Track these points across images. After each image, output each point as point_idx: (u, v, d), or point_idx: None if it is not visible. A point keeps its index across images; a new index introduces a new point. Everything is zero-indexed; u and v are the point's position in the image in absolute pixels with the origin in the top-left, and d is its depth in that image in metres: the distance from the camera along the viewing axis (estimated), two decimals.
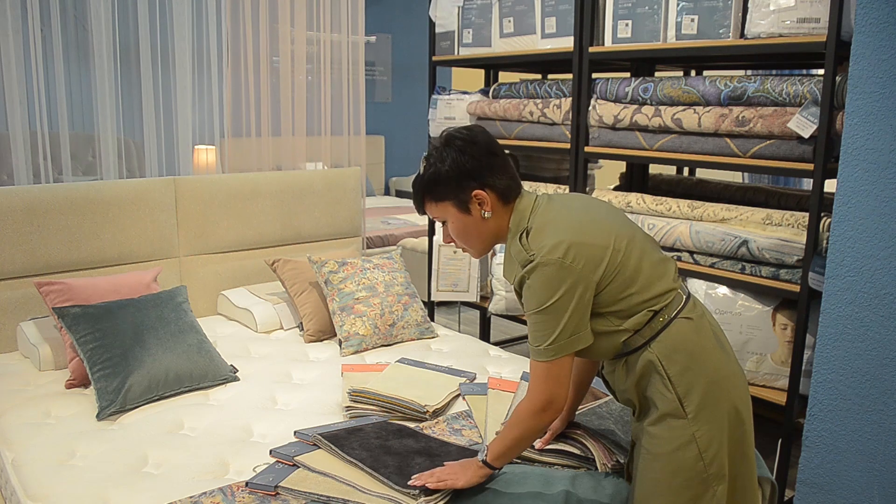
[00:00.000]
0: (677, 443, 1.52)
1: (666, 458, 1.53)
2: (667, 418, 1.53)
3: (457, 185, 1.57)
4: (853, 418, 1.98)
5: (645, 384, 1.57)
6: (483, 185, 1.57)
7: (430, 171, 1.60)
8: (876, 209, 1.87)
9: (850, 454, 1.99)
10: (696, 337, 1.56)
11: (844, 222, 1.94)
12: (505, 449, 1.62)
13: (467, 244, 1.66)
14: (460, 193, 1.58)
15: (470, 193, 1.57)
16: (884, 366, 1.90)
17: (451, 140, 1.60)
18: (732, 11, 2.42)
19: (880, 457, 1.93)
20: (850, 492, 2.00)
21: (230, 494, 1.72)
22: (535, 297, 1.50)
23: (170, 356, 2.32)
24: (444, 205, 1.61)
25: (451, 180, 1.58)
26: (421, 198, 1.64)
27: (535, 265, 1.49)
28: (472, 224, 1.61)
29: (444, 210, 1.62)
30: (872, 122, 1.86)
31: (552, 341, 1.49)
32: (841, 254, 1.96)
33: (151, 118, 3.38)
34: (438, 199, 1.61)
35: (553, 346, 1.50)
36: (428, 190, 1.62)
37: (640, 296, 1.53)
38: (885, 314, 1.88)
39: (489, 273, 3.47)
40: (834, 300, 1.99)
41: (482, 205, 1.58)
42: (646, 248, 1.58)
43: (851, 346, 1.96)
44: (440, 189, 1.60)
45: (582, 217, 1.56)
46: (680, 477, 1.53)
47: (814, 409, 2.07)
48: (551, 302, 1.48)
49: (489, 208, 1.58)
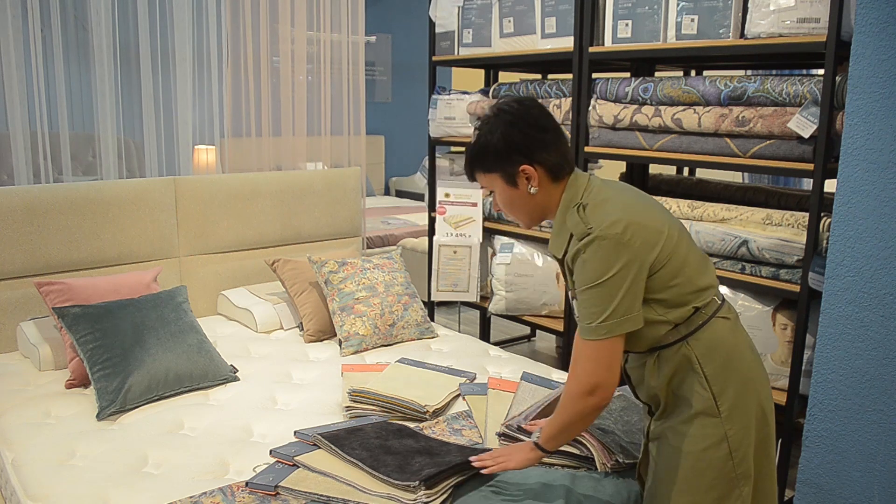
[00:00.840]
0: (709, 441, 1.52)
1: (696, 457, 1.53)
2: (700, 416, 1.52)
3: (505, 158, 1.55)
4: (853, 418, 1.98)
5: (678, 381, 1.56)
6: (531, 160, 1.54)
7: (479, 141, 1.58)
8: (876, 209, 1.87)
9: (850, 454, 1.99)
10: (732, 337, 1.56)
11: (844, 222, 1.94)
12: (556, 432, 1.58)
13: (515, 216, 1.65)
14: (507, 167, 1.56)
15: (517, 168, 1.55)
16: (884, 366, 1.90)
17: (501, 112, 1.57)
18: (732, 11, 2.42)
19: (880, 457, 1.93)
20: (850, 492, 2.00)
21: (230, 494, 1.72)
22: (589, 271, 1.47)
23: (170, 356, 2.32)
24: (492, 176, 1.59)
25: (499, 153, 1.55)
26: (471, 168, 1.63)
27: (593, 238, 1.46)
28: (518, 197, 1.59)
29: (491, 181, 1.60)
30: (872, 122, 1.86)
31: (604, 319, 1.46)
32: (841, 254, 1.96)
33: (151, 118, 3.38)
34: (486, 170, 1.59)
35: (605, 324, 1.46)
36: (476, 160, 1.61)
37: (686, 287, 1.53)
38: (885, 314, 1.88)
39: (489, 273, 3.47)
40: (834, 300, 1.99)
41: (529, 180, 1.55)
42: (691, 243, 1.59)
43: (851, 346, 1.96)
44: (488, 161, 1.58)
45: (637, 201, 1.55)
46: (708, 476, 1.53)
47: (814, 409, 2.07)
48: (607, 277, 1.45)
49: (536, 184, 1.55)
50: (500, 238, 3.44)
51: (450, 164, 3.75)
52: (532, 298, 3.30)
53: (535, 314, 3.37)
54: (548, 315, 3.34)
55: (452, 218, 3.48)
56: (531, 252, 3.31)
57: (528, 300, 3.31)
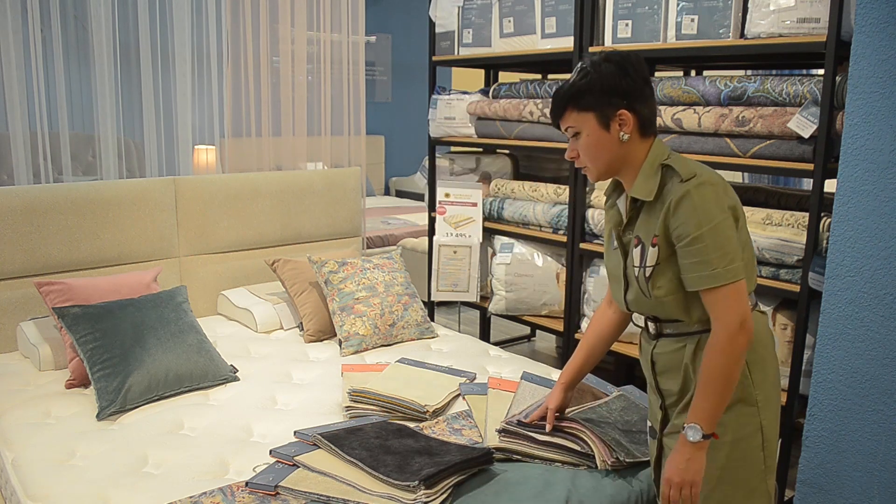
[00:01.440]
0: (744, 431, 1.52)
1: (730, 447, 1.52)
2: (738, 405, 1.52)
3: (607, 98, 1.53)
4: (853, 418, 1.98)
5: None
6: (631, 107, 1.53)
7: (582, 79, 1.54)
8: (876, 209, 1.87)
9: (850, 454, 1.99)
10: (766, 331, 1.59)
11: (844, 222, 1.94)
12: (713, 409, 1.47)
13: (591, 162, 1.58)
14: (606, 108, 1.53)
15: (616, 111, 1.53)
16: (884, 366, 1.90)
17: (611, 57, 1.56)
18: (732, 11, 2.42)
19: (880, 457, 1.93)
20: (850, 492, 2.00)
21: (230, 494, 1.72)
22: (703, 214, 1.44)
23: (170, 356, 2.32)
24: (586, 115, 1.54)
25: (603, 93, 1.53)
26: (564, 104, 1.57)
27: (702, 182, 1.46)
28: (606, 142, 1.55)
29: (583, 121, 1.55)
30: (872, 122, 1.86)
31: (730, 260, 1.44)
32: (841, 254, 1.96)
33: (151, 118, 3.38)
34: (583, 108, 1.54)
35: (732, 266, 1.44)
36: (575, 97, 1.55)
37: (748, 267, 1.53)
38: (885, 314, 1.88)
39: (489, 273, 3.47)
40: (834, 300, 1.99)
41: (622, 125, 1.54)
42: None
43: (851, 346, 1.96)
44: (588, 98, 1.53)
45: None
46: (743, 467, 1.53)
47: (814, 409, 2.07)
48: (721, 220, 1.44)
49: (629, 131, 1.54)
50: (500, 238, 3.45)
51: (450, 164, 3.75)
52: (532, 298, 3.30)
53: (535, 314, 3.37)
54: (548, 315, 3.34)
55: (452, 218, 3.48)
56: (531, 252, 3.31)
57: (528, 300, 3.31)
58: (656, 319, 1.61)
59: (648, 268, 1.53)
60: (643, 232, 1.55)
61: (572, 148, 1.60)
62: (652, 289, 1.54)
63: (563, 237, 3.15)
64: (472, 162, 3.75)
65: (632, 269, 1.58)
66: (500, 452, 1.89)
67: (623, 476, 1.83)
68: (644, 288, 1.55)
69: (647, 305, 1.59)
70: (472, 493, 1.72)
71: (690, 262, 1.46)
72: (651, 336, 1.64)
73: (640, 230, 1.56)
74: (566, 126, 1.59)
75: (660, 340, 1.62)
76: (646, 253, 1.54)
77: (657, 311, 1.59)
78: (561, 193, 3.19)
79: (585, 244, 3.05)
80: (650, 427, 1.71)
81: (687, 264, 1.47)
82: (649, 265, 1.53)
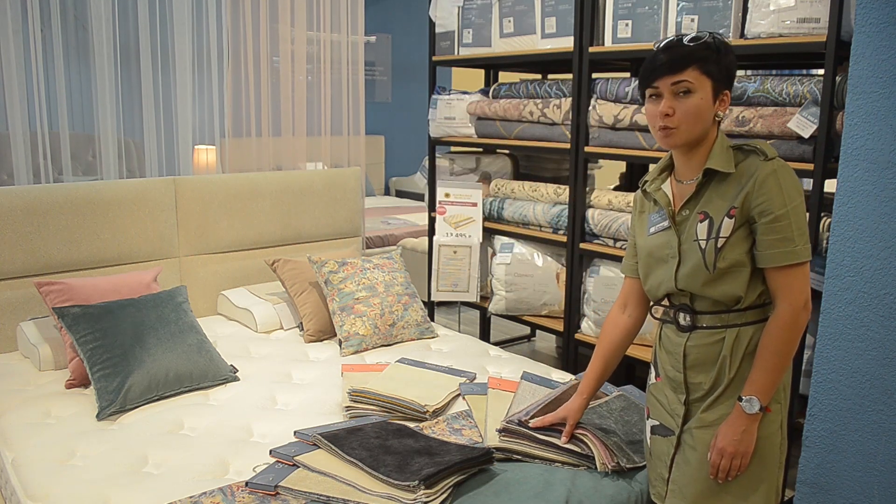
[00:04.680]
0: (768, 429, 1.56)
1: (761, 442, 1.56)
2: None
3: (725, 74, 1.56)
4: (853, 418, 1.98)
5: (749, 365, 1.56)
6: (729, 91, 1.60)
7: (712, 45, 1.54)
8: (876, 209, 1.87)
9: (850, 454, 1.99)
10: None
11: (844, 222, 1.94)
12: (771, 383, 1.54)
13: (690, 125, 1.55)
14: (723, 84, 1.56)
15: (725, 89, 1.57)
16: (884, 366, 1.90)
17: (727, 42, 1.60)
18: (732, 11, 2.42)
19: (880, 457, 1.93)
20: (850, 492, 2.00)
21: (230, 494, 1.72)
22: (788, 193, 1.50)
23: (170, 356, 2.32)
24: (707, 80, 1.53)
25: (725, 68, 1.56)
26: (691, 59, 1.52)
27: (784, 164, 1.52)
28: (706, 112, 1.55)
29: (702, 83, 1.53)
30: (872, 122, 1.86)
31: (807, 241, 1.50)
32: (841, 254, 1.96)
33: (151, 118, 3.38)
34: (707, 71, 1.53)
35: (808, 246, 1.51)
36: (704, 59, 1.52)
37: None
38: (885, 314, 1.88)
39: (489, 273, 3.47)
40: (834, 300, 1.99)
41: (721, 105, 1.57)
42: None
43: (851, 346, 1.96)
44: (713, 66, 1.53)
45: None
46: (765, 468, 1.56)
47: (814, 409, 2.07)
48: (800, 201, 1.51)
49: (724, 112, 1.59)
50: (500, 238, 3.45)
51: (450, 164, 3.75)
52: (532, 298, 3.30)
53: (535, 314, 3.37)
54: (548, 315, 3.34)
55: (452, 218, 3.48)
56: (531, 252, 3.31)
57: (527, 300, 3.31)
58: (692, 311, 1.60)
59: (722, 238, 1.53)
60: (712, 206, 1.56)
61: (671, 105, 1.54)
62: (719, 261, 1.53)
63: (563, 237, 3.15)
64: (472, 162, 3.75)
65: (691, 243, 1.57)
66: (500, 452, 1.90)
67: (623, 477, 1.83)
68: (710, 260, 1.54)
69: (702, 281, 1.57)
70: (472, 493, 1.72)
71: (771, 238, 1.50)
72: (683, 329, 1.62)
73: (708, 205, 1.57)
74: (681, 80, 1.52)
75: (694, 333, 1.61)
76: (715, 225, 1.55)
77: (708, 290, 1.57)
78: (561, 193, 3.19)
79: (585, 244, 3.05)
80: (659, 425, 1.69)
81: (767, 240, 1.51)
82: (723, 236, 1.53)
